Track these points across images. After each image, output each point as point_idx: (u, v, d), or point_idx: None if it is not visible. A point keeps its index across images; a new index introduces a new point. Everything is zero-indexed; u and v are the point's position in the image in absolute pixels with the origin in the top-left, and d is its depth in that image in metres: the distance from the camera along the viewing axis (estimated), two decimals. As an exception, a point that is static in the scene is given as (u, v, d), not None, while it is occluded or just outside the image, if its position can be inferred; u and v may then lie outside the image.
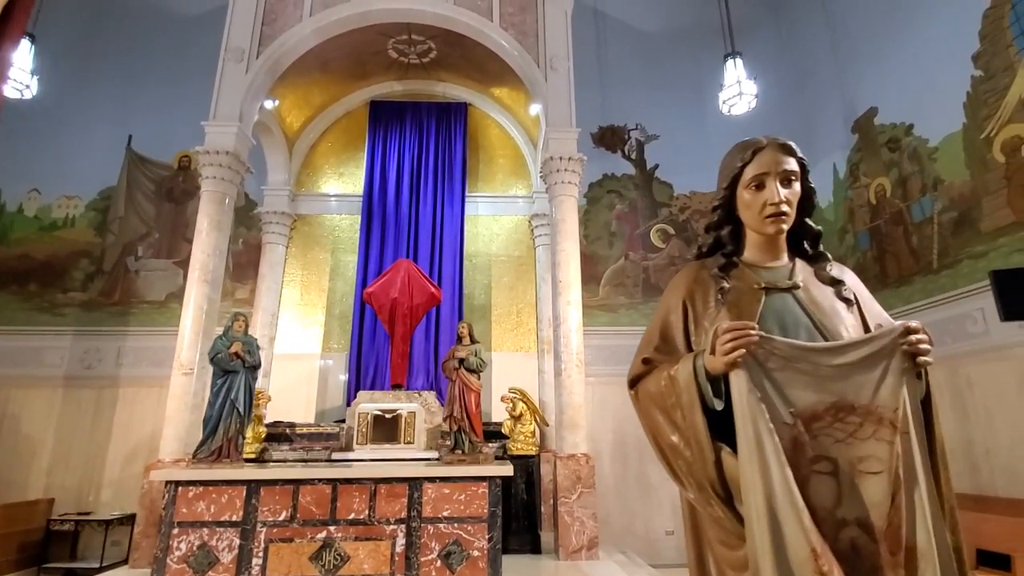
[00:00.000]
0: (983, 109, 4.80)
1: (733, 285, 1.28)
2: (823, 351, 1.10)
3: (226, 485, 3.48)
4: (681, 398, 1.17)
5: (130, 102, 7.19)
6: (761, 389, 1.07)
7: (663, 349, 1.29)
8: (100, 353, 6.48)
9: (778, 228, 1.26)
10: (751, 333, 1.08)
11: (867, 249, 6.22)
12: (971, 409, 4.89)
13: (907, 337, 1.09)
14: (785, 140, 1.31)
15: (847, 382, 1.07)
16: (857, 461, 1.05)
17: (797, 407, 1.07)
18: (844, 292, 1.27)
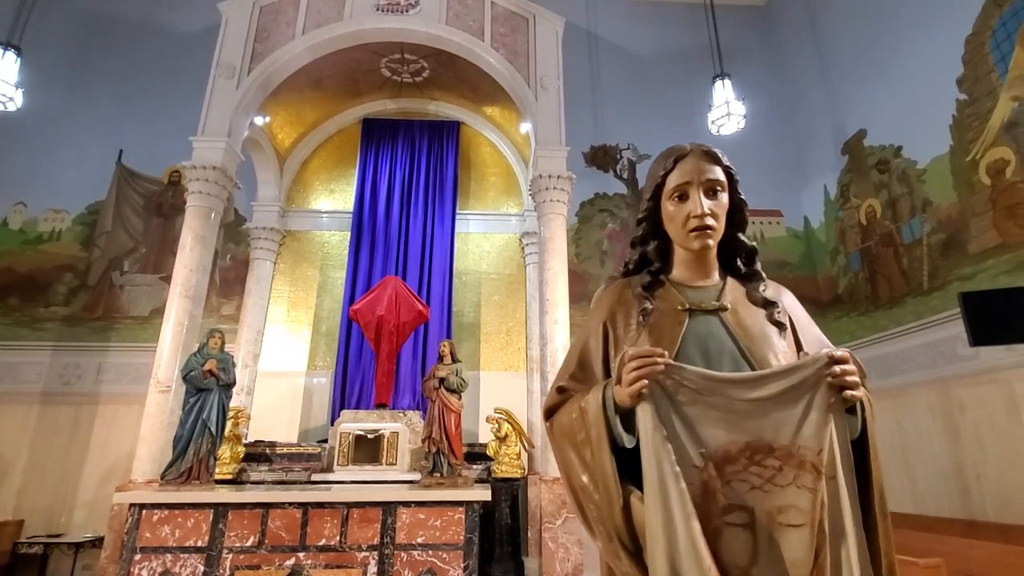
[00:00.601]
0: (968, 132, 4.81)
1: (656, 306, 1.16)
2: (737, 383, 0.97)
3: (192, 508, 3.35)
4: (590, 433, 1.04)
5: (122, 117, 7.19)
6: (668, 426, 0.94)
7: (579, 377, 1.17)
8: (80, 369, 6.35)
9: (703, 243, 1.15)
10: (657, 361, 0.96)
11: (858, 270, 6.19)
12: (963, 433, 4.80)
13: (832, 368, 0.95)
14: (710, 147, 1.22)
15: (765, 419, 0.94)
16: (776, 512, 0.90)
17: (708, 447, 0.94)
18: (776, 315, 1.16)
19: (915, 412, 5.31)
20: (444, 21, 6.06)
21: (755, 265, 1.26)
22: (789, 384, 0.96)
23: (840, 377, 0.95)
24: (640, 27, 7.92)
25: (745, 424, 0.94)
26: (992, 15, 4.63)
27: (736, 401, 0.95)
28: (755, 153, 7.31)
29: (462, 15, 6.11)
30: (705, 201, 1.15)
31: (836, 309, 6.56)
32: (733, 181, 1.23)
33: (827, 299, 6.74)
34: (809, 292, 6.84)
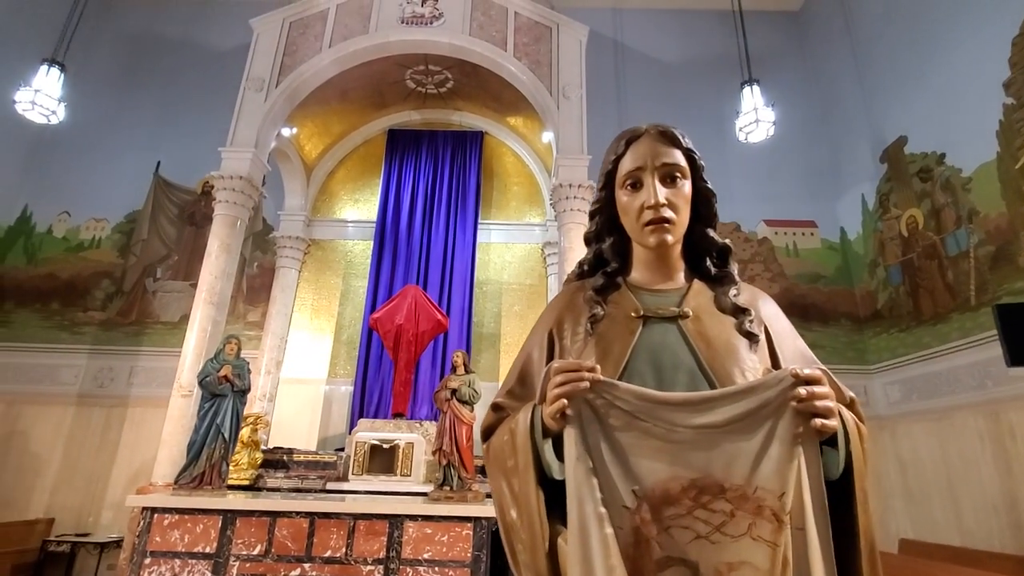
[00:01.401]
0: (1017, 138, 4.50)
1: (607, 312, 1.00)
2: (682, 405, 0.78)
3: (202, 514, 3.36)
4: (517, 460, 0.88)
5: (161, 130, 7.48)
6: (596, 456, 0.77)
7: (518, 393, 1.01)
8: (113, 372, 6.56)
9: (660, 239, 0.98)
10: (583, 376, 0.80)
11: (899, 284, 5.85)
12: (1015, 462, 4.43)
13: (796, 389, 0.76)
14: (668, 127, 1.05)
15: (714, 452, 0.76)
16: (726, 569, 0.72)
17: (643, 484, 0.76)
18: (747, 324, 0.96)
19: (962, 437, 4.95)
20: (468, 32, 6.09)
21: (728, 266, 1.07)
22: (746, 408, 0.77)
23: (807, 401, 0.76)
24: (667, 35, 7.79)
25: (690, 457, 0.76)
26: (1043, 13, 4.34)
27: (679, 428, 0.77)
28: (788, 162, 7.06)
29: (485, 26, 6.12)
30: (661, 189, 0.99)
31: (875, 325, 6.21)
32: (697, 167, 1.06)
33: (865, 314, 6.39)
34: (846, 307, 6.51)
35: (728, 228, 6.91)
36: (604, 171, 1.08)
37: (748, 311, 0.99)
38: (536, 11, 6.26)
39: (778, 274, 6.67)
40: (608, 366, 0.91)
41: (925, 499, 5.36)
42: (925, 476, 5.38)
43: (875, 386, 6.15)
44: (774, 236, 6.85)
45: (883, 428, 6.00)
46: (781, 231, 6.85)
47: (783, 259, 6.75)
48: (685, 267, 1.07)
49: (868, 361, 6.25)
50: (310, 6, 6.25)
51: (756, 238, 6.86)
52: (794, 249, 6.80)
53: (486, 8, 6.19)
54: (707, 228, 1.08)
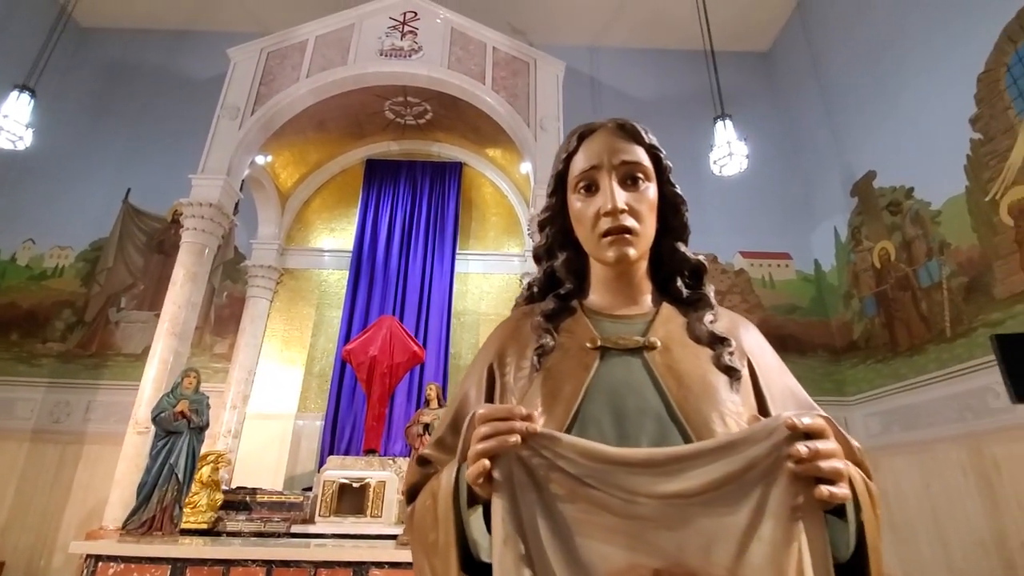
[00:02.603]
0: (985, 172, 4.61)
1: (559, 342, 0.81)
2: (644, 467, 0.59)
3: (149, 563, 3.10)
4: (440, 533, 0.68)
5: (133, 158, 7.34)
6: (531, 537, 0.59)
7: (449, 443, 0.80)
8: (70, 407, 6.23)
9: (621, 252, 0.80)
10: (515, 426, 0.61)
11: (874, 315, 5.88)
12: (1000, 496, 4.37)
13: (794, 446, 0.58)
14: (628, 120, 0.88)
15: (687, 531, 0.57)
16: None
17: (591, 575, 0.57)
18: (727, 357, 0.78)
19: (945, 471, 4.89)
20: (446, 65, 6.15)
21: (702, 288, 0.89)
22: (728, 471, 0.58)
23: (809, 462, 0.57)
24: (642, 72, 7.98)
25: (656, 538, 0.58)
26: (1006, 52, 4.51)
27: (641, 498, 0.58)
28: (762, 195, 7.17)
29: (464, 60, 6.19)
30: (620, 192, 0.81)
31: (852, 356, 6.21)
32: (663, 167, 0.89)
33: (842, 345, 6.40)
34: (822, 338, 6.52)
35: (706, 260, 6.93)
36: (555, 172, 0.90)
37: (728, 341, 0.80)
38: (514, 47, 6.36)
39: (755, 305, 6.67)
40: (556, 410, 0.73)
41: (911, 535, 5.25)
42: (909, 511, 5.28)
43: (855, 418, 6.10)
44: (750, 268, 6.89)
45: (865, 461, 5.92)
46: (757, 263, 6.90)
47: (760, 290, 6.77)
48: (653, 289, 0.89)
49: (847, 392, 6.22)
50: (289, 37, 6.27)
51: (733, 269, 6.90)
52: (770, 280, 6.84)
53: (464, 43, 6.28)
54: (677, 242, 0.90)
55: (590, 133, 0.88)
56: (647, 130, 0.89)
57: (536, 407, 0.73)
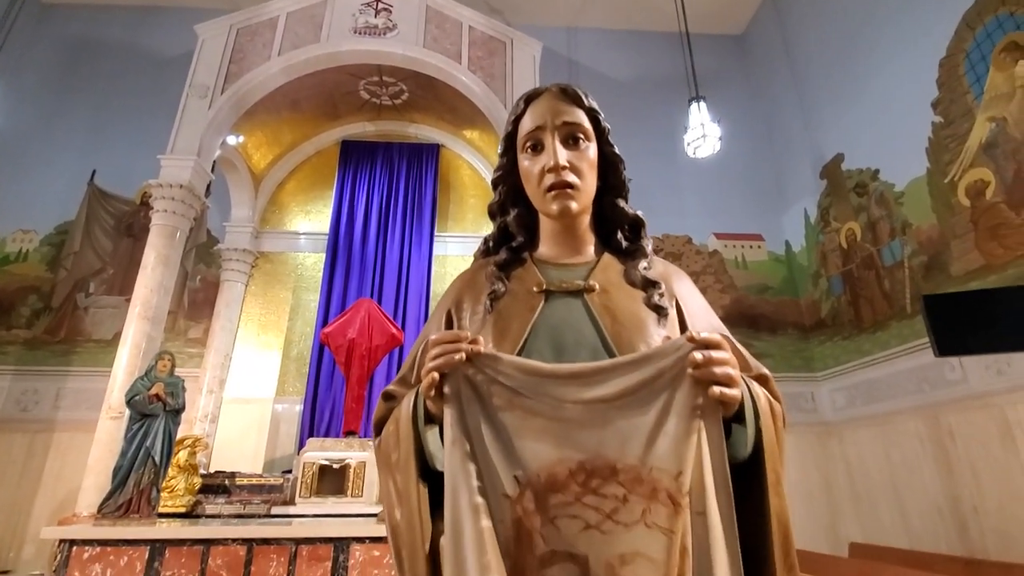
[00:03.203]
0: (945, 154, 4.78)
1: (510, 288, 0.92)
2: (569, 378, 0.70)
3: (127, 545, 3.09)
4: (400, 451, 0.79)
5: (98, 138, 7.09)
6: (476, 439, 0.69)
7: (410, 379, 0.90)
8: (38, 395, 6.07)
9: (563, 205, 0.90)
10: (461, 347, 0.72)
11: (841, 294, 6.08)
12: (955, 463, 4.61)
13: (692, 354, 0.69)
14: (570, 85, 0.97)
15: (605, 430, 0.68)
16: (618, 562, 0.63)
17: (527, 469, 0.67)
18: (657, 298, 0.89)
19: (904, 441, 5.13)
20: (422, 44, 6.07)
21: (640, 240, 1.00)
22: (640, 379, 0.69)
23: (704, 368, 0.68)
24: (618, 54, 7.99)
25: (579, 436, 0.68)
26: (965, 38, 4.65)
27: (567, 404, 0.69)
28: (735, 177, 7.29)
29: (440, 39, 6.12)
30: (562, 151, 0.91)
31: (820, 334, 6.43)
32: (602, 129, 0.99)
33: (810, 323, 6.61)
34: (792, 316, 6.72)
35: (681, 241, 7.06)
36: (505, 134, 1.01)
37: (658, 284, 0.93)
38: (491, 26, 6.30)
39: (728, 285, 6.83)
40: (505, 346, 0.83)
41: (872, 502, 5.52)
42: (871, 479, 5.54)
43: (822, 393, 6.34)
44: (724, 249, 7.03)
45: (831, 434, 6.18)
46: (730, 244, 7.05)
47: (733, 271, 6.93)
48: (596, 241, 1.00)
49: (815, 369, 6.45)
50: (259, 13, 6.10)
51: (707, 251, 7.03)
52: (743, 261, 7.00)
53: (440, 21, 6.20)
54: (617, 198, 1.01)
55: (536, 96, 0.97)
56: (587, 94, 0.98)
57: (488, 343, 0.81)
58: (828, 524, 5.88)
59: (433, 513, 0.77)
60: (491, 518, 0.66)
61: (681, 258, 6.93)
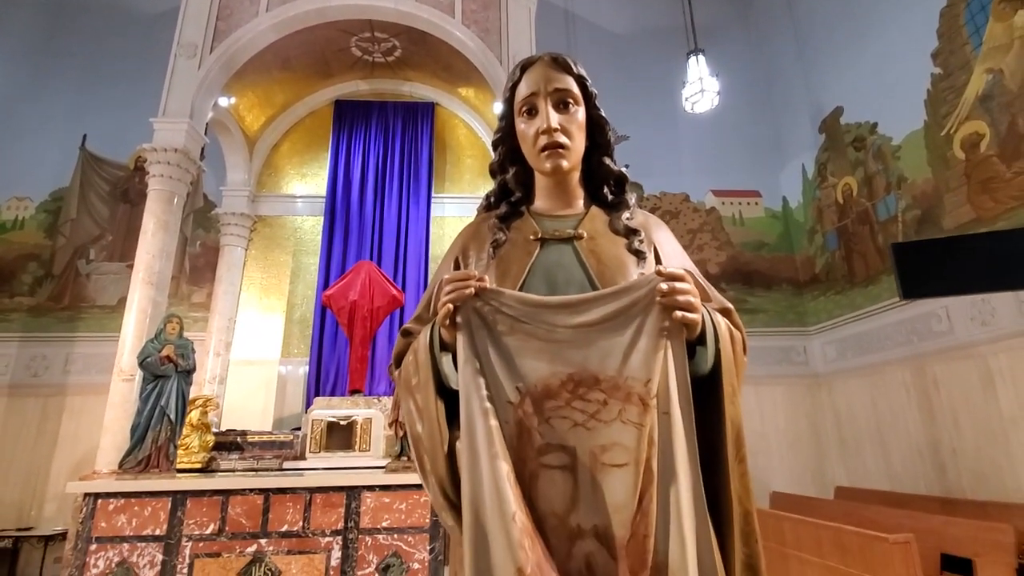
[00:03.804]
0: (943, 106, 4.77)
1: (509, 237, 1.05)
2: (560, 308, 0.86)
3: (149, 497, 3.26)
4: (420, 375, 0.93)
5: (86, 101, 6.96)
6: (484, 358, 0.84)
7: (425, 317, 1.05)
8: (47, 360, 6.20)
9: (555, 164, 1.02)
10: (470, 283, 0.86)
11: (835, 249, 6.17)
12: (937, 410, 4.81)
13: (659, 285, 0.84)
14: (561, 54, 1.07)
15: (589, 348, 0.83)
16: (599, 451, 0.79)
17: (526, 381, 0.83)
18: (636, 243, 1.03)
19: (890, 390, 5.33)
20: (413, -3, 5.90)
21: (624, 194, 1.12)
22: (617, 307, 0.85)
23: (670, 296, 0.83)
24: (616, 5, 7.78)
25: (568, 354, 0.83)
26: (967, -13, 4.56)
27: (558, 328, 0.84)
28: (734, 134, 7.24)
29: (432, -9, 5.94)
30: (553, 115, 1.02)
31: (813, 289, 6.55)
32: (589, 94, 1.09)
33: (805, 279, 6.72)
34: (787, 272, 6.82)
35: (678, 199, 7.08)
36: (504, 99, 1.12)
37: (639, 232, 1.05)
38: (485, -23, 6.11)
39: (725, 242, 6.90)
40: (507, 284, 0.96)
41: (858, 449, 5.77)
42: (858, 427, 5.78)
43: (814, 346, 6.51)
44: (721, 206, 7.06)
45: (821, 385, 6.39)
46: (728, 201, 7.07)
47: (729, 228, 6.98)
48: (585, 195, 1.12)
49: (808, 323, 6.60)
50: (244, -34, 5.89)
51: (704, 208, 7.06)
52: (740, 218, 7.04)
53: (432, -27, 6.01)
54: (604, 156, 1.12)
55: (530, 65, 1.07)
56: (576, 62, 1.08)
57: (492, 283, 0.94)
58: (815, 470, 6.16)
59: (448, 424, 0.91)
60: (498, 419, 0.80)
61: (679, 216, 6.97)
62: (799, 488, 5.93)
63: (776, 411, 6.32)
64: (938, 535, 3.68)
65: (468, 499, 0.77)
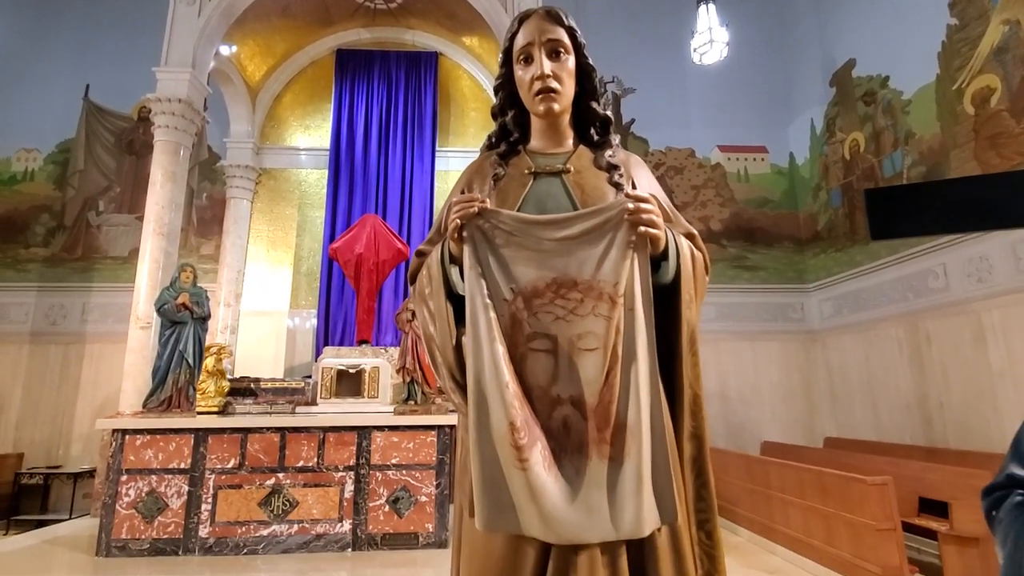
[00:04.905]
0: (956, 59, 4.67)
1: (508, 172, 1.20)
2: (547, 224, 1.02)
3: (173, 433, 3.49)
4: (432, 284, 1.11)
5: (88, 51, 6.89)
6: (485, 265, 1.03)
7: (435, 240, 1.22)
8: (65, 309, 6.41)
9: (548, 106, 1.15)
10: (473, 205, 1.03)
11: (839, 206, 6.17)
12: (927, 364, 4.95)
13: (628, 205, 1.01)
14: (554, 7, 1.20)
15: (570, 257, 1.01)
16: (576, 338, 0.98)
17: (519, 283, 1.02)
18: (616, 177, 1.18)
19: (884, 346, 5.45)
20: (417, -60, 5.72)
21: (608, 135, 1.26)
22: (593, 224, 1.01)
23: (635, 215, 1.00)
24: (628, -51, 7.47)
25: (552, 262, 1.01)
26: (990, -69, 4.39)
27: (545, 241, 1.02)
28: (743, 87, 7.10)
29: (436, -66, 5.75)
30: (547, 63, 1.15)
31: (815, 246, 6.59)
32: (578, 44, 1.21)
33: (807, 236, 6.75)
34: (789, 229, 6.84)
35: (684, 154, 7.03)
36: (503, 49, 1.23)
37: (619, 167, 1.20)
38: (490, -82, 5.89)
39: (728, 199, 6.89)
40: (505, 209, 1.12)
41: (849, 402, 5.96)
42: (849, 382, 5.95)
43: (811, 303, 6.61)
44: (727, 162, 7.01)
45: (816, 341, 6.53)
46: (734, 157, 7.02)
47: (734, 184, 6.95)
48: (574, 135, 1.25)
49: (806, 280, 6.68)
50: (241, -93, 5.70)
51: (710, 164, 7.01)
52: (745, 175, 7.01)
53: (436, -87, 5.80)
54: (591, 101, 1.24)
55: (527, 18, 1.19)
56: (567, 14, 1.20)
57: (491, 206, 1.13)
58: (806, 422, 6.38)
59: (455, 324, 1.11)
60: (496, 312, 1.00)
61: (683, 172, 6.94)
62: (790, 438, 6.17)
63: (771, 366, 6.48)
64: (918, 480, 3.87)
65: (472, 372, 0.97)
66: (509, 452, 0.92)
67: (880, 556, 2.97)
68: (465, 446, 1.08)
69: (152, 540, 3.33)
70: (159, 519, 3.36)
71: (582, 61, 1.21)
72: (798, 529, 3.67)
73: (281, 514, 3.41)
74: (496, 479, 0.93)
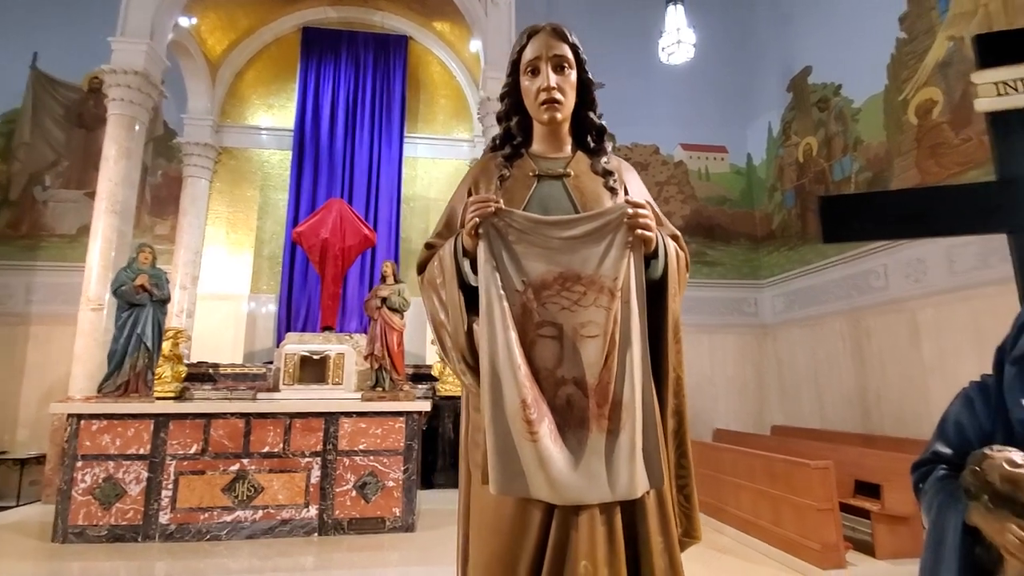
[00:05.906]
0: (904, 71, 4.97)
1: (512, 173, 1.31)
2: (554, 225, 1.15)
3: (132, 419, 3.40)
4: (444, 275, 1.21)
5: (36, 17, 6.45)
6: (498, 259, 1.14)
7: (444, 235, 1.32)
8: (9, 289, 6.06)
9: (552, 115, 1.27)
10: (490, 205, 1.14)
11: (792, 207, 6.47)
12: (867, 358, 5.29)
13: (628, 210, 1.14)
14: (559, 25, 1.31)
15: (575, 254, 1.13)
16: (579, 326, 1.11)
17: (529, 277, 1.13)
18: (611, 182, 1.31)
19: (828, 340, 5.79)
20: (390, -79, 5.61)
21: (603, 142, 1.38)
22: (596, 226, 1.15)
23: (634, 219, 1.14)
24: (601, -56, 7.52)
25: (559, 258, 1.14)
26: (939, -49, 4.66)
27: (553, 239, 1.14)
28: (707, 87, 7.30)
29: (410, -85, 5.66)
30: (552, 76, 1.26)
31: (769, 244, 6.90)
32: (580, 59, 1.31)
33: (762, 234, 7.06)
34: (746, 228, 7.13)
35: (648, 150, 7.20)
36: (511, 60, 1.35)
37: (613, 173, 1.33)
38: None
39: (690, 196, 7.12)
40: None
41: (796, 392, 6.31)
42: (797, 374, 6.30)
43: (764, 298, 6.94)
44: (689, 160, 7.23)
45: (767, 334, 6.86)
46: (696, 155, 7.24)
47: (695, 182, 7.19)
48: (572, 141, 1.38)
49: (760, 276, 7.00)
50: None
51: (673, 161, 7.22)
52: (706, 173, 7.25)
53: None
54: (589, 111, 1.36)
55: (535, 33, 1.31)
56: (571, 32, 1.32)
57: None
58: (756, 412, 6.72)
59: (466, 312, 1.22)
60: (508, 302, 1.12)
61: (648, 168, 7.11)
62: (740, 427, 6.49)
63: (726, 358, 6.79)
64: (855, 464, 4.17)
65: (487, 355, 1.09)
66: (521, 426, 1.04)
67: (820, 534, 3.21)
68: (472, 422, 1.21)
69: (110, 526, 3.25)
70: (117, 505, 3.28)
71: (583, 75, 1.32)
72: (747, 511, 3.90)
73: (246, 500, 3.39)
74: (508, 449, 1.05)
